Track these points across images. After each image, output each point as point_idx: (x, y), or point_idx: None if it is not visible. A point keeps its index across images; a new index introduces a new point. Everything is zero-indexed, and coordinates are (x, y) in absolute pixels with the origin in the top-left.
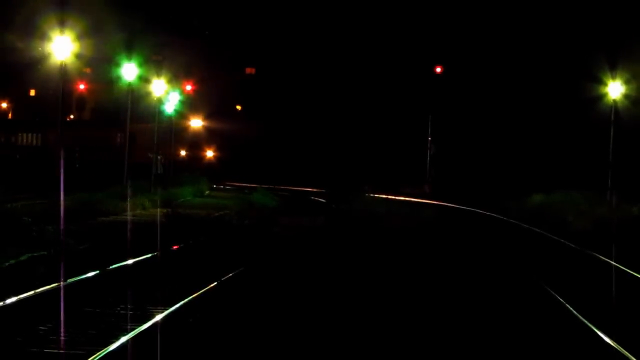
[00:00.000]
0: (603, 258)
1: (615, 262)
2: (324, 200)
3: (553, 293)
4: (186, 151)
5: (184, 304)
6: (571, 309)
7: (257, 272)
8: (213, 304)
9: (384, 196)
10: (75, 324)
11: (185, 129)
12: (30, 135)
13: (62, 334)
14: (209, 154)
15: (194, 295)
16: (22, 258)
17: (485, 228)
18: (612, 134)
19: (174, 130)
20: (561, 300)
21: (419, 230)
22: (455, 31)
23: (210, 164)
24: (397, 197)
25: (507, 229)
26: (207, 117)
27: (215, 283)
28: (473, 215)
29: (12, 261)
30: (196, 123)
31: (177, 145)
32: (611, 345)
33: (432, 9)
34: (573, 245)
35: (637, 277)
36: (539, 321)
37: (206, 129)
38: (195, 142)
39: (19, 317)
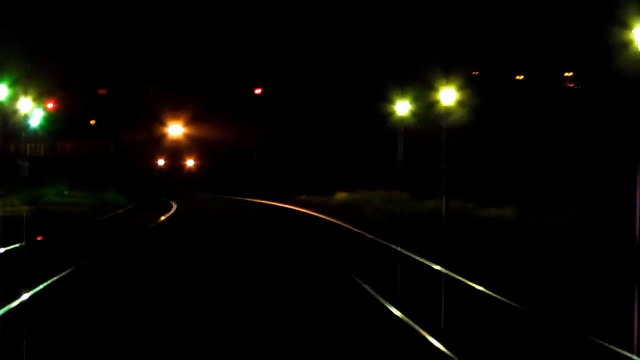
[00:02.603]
0: (393, 246)
1: (401, 249)
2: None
3: (352, 275)
4: (165, 160)
5: (47, 285)
6: (367, 287)
7: (107, 258)
8: (71, 284)
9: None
10: None
11: (162, 136)
12: None
13: None
14: (190, 162)
15: (54, 278)
16: None
17: (293, 221)
18: (401, 144)
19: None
20: (358, 280)
21: (233, 228)
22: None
23: (191, 173)
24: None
25: (314, 222)
26: (188, 123)
27: (72, 268)
28: (288, 211)
29: None
30: (176, 130)
31: (156, 154)
32: (399, 317)
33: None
34: (370, 236)
35: (420, 261)
36: (338, 298)
37: (187, 136)
38: (175, 151)
39: None
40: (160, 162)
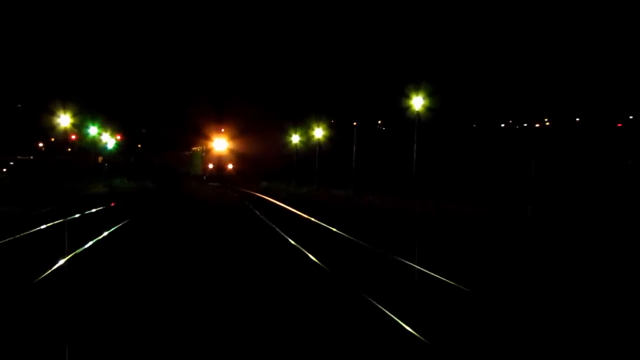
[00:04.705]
0: (287, 207)
1: (293, 209)
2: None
3: (268, 221)
4: (213, 165)
5: (119, 227)
6: (270, 223)
7: (150, 213)
8: (133, 225)
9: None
10: (70, 236)
11: (210, 150)
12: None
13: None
14: (230, 167)
15: (122, 223)
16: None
17: (239, 196)
18: (295, 158)
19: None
20: (272, 225)
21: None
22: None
23: (230, 174)
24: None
25: (251, 195)
26: (231, 138)
27: (128, 220)
28: (238, 191)
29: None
30: (220, 145)
31: (208, 161)
32: (290, 242)
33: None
34: (279, 203)
35: (303, 216)
36: (252, 220)
37: (229, 150)
38: (220, 159)
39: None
40: (210, 166)
